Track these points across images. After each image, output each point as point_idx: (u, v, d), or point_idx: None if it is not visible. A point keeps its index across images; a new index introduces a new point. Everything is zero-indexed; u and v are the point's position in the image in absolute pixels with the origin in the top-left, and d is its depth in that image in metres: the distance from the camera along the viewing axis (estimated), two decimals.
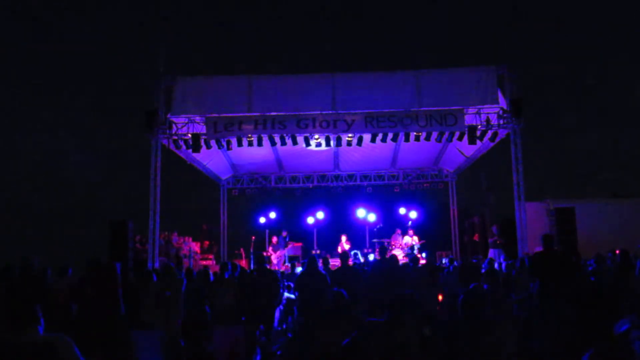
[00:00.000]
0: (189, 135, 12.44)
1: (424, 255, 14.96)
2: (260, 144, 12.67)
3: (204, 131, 12.26)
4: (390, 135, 12.40)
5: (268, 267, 11.86)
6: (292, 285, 9.13)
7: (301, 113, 11.99)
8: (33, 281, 6.54)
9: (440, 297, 8.28)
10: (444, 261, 14.37)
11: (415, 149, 15.17)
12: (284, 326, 9.37)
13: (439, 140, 12.72)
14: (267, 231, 17.34)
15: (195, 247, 16.61)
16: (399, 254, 15.45)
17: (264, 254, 14.32)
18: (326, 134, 12.62)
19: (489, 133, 12.61)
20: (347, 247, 15.84)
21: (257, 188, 18.90)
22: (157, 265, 12.15)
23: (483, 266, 10.67)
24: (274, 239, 16.53)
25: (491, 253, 13.56)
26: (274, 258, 15.89)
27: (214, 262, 16.49)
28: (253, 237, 16.68)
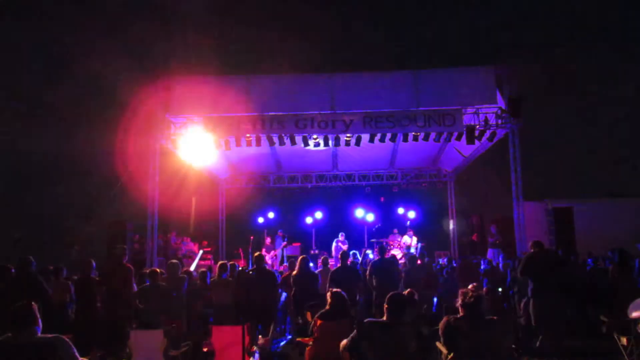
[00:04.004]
0: (188, 135, 12.43)
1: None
2: (258, 143, 12.67)
3: (203, 131, 12.25)
4: (388, 136, 12.41)
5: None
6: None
7: (299, 113, 11.99)
8: (30, 281, 6.53)
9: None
10: (440, 261, 14.37)
11: (413, 148, 15.18)
12: (283, 326, 9.38)
13: (437, 140, 12.73)
14: (265, 231, 17.34)
15: (194, 247, 16.60)
16: (397, 253, 15.46)
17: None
18: (325, 134, 12.62)
19: (488, 133, 12.62)
20: (344, 247, 15.82)
21: (255, 188, 18.91)
22: (155, 265, 12.15)
23: (482, 266, 10.70)
24: (268, 240, 16.50)
25: (490, 253, 13.58)
26: (267, 259, 15.88)
27: (213, 262, 16.48)
28: (252, 237, 16.69)
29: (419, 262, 9.21)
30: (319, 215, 18.21)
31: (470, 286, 5.83)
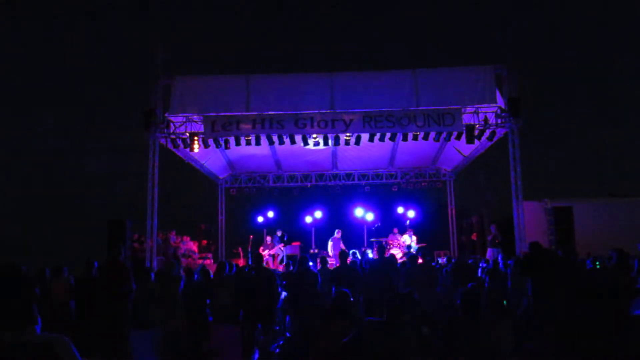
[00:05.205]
0: (187, 134, 12.43)
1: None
2: (258, 143, 12.67)
3: (202, 130, 12.25)
4: (388, 135, 12.41)
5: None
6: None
7: (299, 112, 11.97)
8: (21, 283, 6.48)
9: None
10: (440, 261, 14.36)
11: (413, 148, 15.17)
12: (282, 325, 9.37)
13: (437, 139, 12.73)
14: (265, 230, 17.33)
15: (194, 246, 16.59)
16: (397, 253, 15.45)
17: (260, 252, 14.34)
18: (324, 134, 12.61)
19: (487, 132, 12.61)
20: (339, 238, 15.83)
21: (255, 187, 18.91)
22: (155, 264, 12.14)
23: (481, 265, 10.70)
24: (268, 239, 16.46)
25: (489, 252, 13.57)
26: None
27: (212, 261, 16.48)
28: (251, 237, 16.67)
29: (419, 261, 9.21)
30: (318, 214, 18.20)
31: (470, 286, 5.83)
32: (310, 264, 9.32)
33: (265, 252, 15.96)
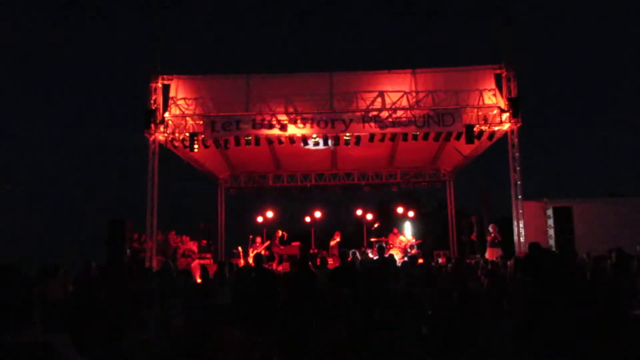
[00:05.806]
0: (187, 134, 12.43)
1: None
2: (257, 143, 12.67)
3: (202, 130, 12.25)
4: (388, 135, 12.43)
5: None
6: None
7: (299, 112, 11.99)
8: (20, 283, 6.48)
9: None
10: (439, 261, 14.36)
11: (413, 148, 15.16)
12: (282, 326, 9.36)
13: (436, 139, 12.74)
14: (264, 230, 17.32)
15: (193, 246, 16.56)
16: (397, 252, 15.45)
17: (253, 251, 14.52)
18: (324, 134, 12.62)
19: (487, 132, 12.62)
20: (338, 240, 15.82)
21: (254, 187, 18.89)
22: (154, 264, 12.14)
23: (481, 265, 10.72)
24: (258, 239, 16.34)
25: (489, 252, 13.57)
26: (250, 257, 15.75)
27: (212, 261, 16.45)
28: (250, 237, 16.65)
29: (420, 261, 9.22)
30: (318, 214, 18.20)
31: (469, 286, 5.84)
32: (310, 264, 9.32)
33: (254, 251, 15.91)
